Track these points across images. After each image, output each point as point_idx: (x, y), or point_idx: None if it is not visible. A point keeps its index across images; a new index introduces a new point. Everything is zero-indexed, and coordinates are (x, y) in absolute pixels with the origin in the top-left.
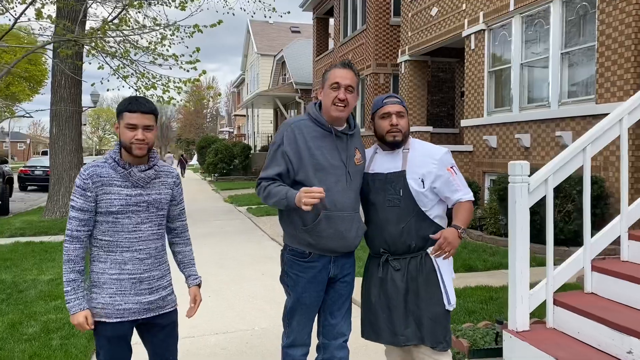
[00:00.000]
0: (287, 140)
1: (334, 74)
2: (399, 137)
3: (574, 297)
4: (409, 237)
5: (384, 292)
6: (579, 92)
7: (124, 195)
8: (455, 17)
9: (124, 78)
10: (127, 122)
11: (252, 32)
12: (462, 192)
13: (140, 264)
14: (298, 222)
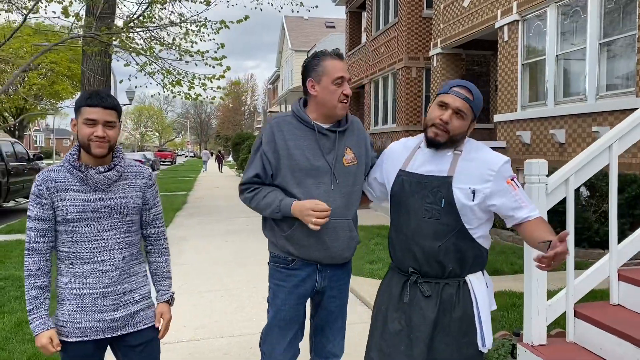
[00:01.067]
0: (265, 139)
1: (334, 67)
2: (441, 138)
3: (598, 309)
4: (445, 257)
5: (407, 320)
6: (618, 84)
7: (81, 200)
8: (488, 7)
9: (150, 74)
10: (85, 117)
11: (287, 28)
12: (528, 208)
13: (102, 276)
14: (276, 229)
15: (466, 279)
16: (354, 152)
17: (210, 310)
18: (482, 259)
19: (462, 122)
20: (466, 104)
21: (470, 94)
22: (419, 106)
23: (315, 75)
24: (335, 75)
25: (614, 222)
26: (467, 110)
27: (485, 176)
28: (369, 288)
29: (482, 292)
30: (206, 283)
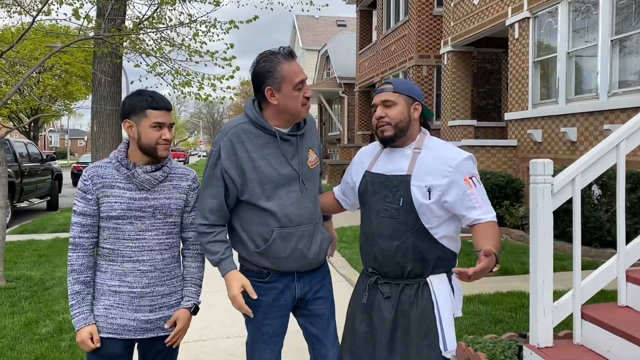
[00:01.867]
0: (225, 154)
1: (292, 71)
2: (387, 133)
3: (606, 310)
4: (404, 258)
5: (368, 320)
6: (631, 81)
7: (126, 198)
8: (498, 5)
9: (160, 75)
10: (154, 121)
11: (298, 27)
12: (481, 210)
13: (142, 276)
14: (250, 245)
15: (427, 279)
16: (315, 152)
17: (217, 310)
18: (447, 261)
19: (395, 108)
20: (389, 93)
21: (389, 85)
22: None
23: (273, 83)
24: (296, 80)
25: (622, 222)
26: (393, 97)
27: (443, 172)
28: None
29: (444, 294)
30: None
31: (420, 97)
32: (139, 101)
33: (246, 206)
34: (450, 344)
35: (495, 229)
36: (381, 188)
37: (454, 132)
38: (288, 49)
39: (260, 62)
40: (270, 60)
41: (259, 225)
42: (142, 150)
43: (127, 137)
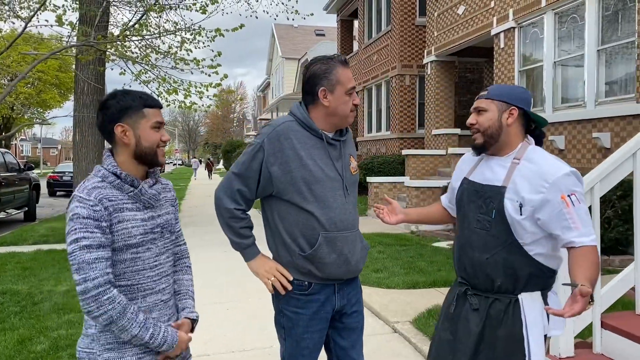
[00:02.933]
0: (270, 148)
1: (347, 77)
2: (478, 140)
3: (625, 319)
4: (494, 271)
5: (453, 329)
6: (618, 90)
7: (139, 220)
8: (483, 15)
9: (145, 83)
10: (154, 120)
11: (277, 36)
12: (577, 231)
13: (165, 307)
14: (294, 248)
15: (518, 297)
16: (355, 160)
17: (219, 323)
18: (543, 279)
19: (485, 115)
20: (482, 100)
21: (485, 92)
22: (412, 113)
23: (328, 84)
24: (349, 86)
25: (639, 231)
26: (485, 103)
27: (538, 187)
28: (377, 298)
29: (535, 314)
30: (211, 295)
31: (519, 102)
32: (130, 100)
33: (290, 207)
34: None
35: (592, 256)
36: (476, 197)
37: (438, 140)
38: (343, 56)
39: (316, 64)
40: (327, 63)
41: (304, 228)
42: (139, 158)
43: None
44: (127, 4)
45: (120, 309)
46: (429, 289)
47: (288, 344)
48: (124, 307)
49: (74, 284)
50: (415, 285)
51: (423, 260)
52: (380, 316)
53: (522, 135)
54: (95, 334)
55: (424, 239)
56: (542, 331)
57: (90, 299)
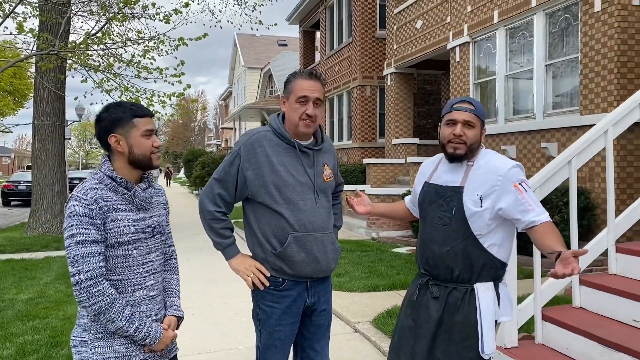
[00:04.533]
0: (245, 154)
1: (300, 86)
2: (460, 151)
3: (563, 311)
4: (453, 262)
5: (416, 316)
6: (564, 103)
7: (131, 220)
8: (440, 29)
9: (108, 92)
10: (144, 129)
11: (239, 45)
12: (534, 212)
13: (153, 302)
14: (267, 246)
15: (474, 286)
16: (330, 168)
17: (185, 328)
18: (495, 270)
19: (473, 131)
20: (471, 114)
21: (471, 105)
22: (373, 123)
23: (286, 93)
24: (300, 94)
25: (575, 230)
26: (474, 119)
27: (493, 181)
28: (339, 300)
29: (488, 302)
30: None
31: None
32: (121, 112)
33: (263, 209)
34: (488, 348)
35: (554, 228)
36: (437, 197)
37: (397, 150)
38: (313, 70)
39: (288, 76)
40: (293, 75)
41: (275, 228)
42: (134, 164)
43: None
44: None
45: (109, 301)
46: (389, 291)
47: (262, 335)
48: (113, 300)
49: (36, 292)
50: (375, 289)
51: (383, 265)
52: (341, 317)
53: None
54: (86, 323)
55: (384, 245)
56: (494, 317)
57: (83, 290)
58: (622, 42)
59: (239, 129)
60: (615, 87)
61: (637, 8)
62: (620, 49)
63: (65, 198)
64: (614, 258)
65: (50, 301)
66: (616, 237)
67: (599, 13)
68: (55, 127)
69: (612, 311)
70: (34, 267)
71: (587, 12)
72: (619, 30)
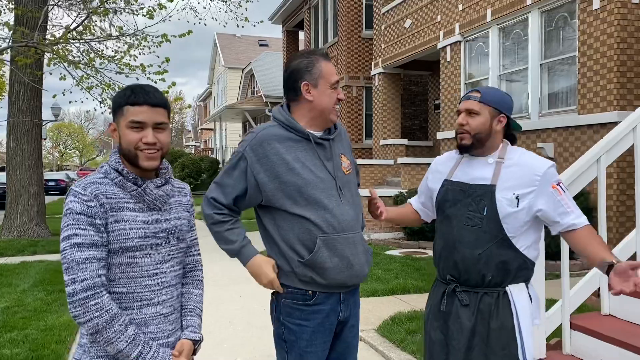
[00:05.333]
0: (254, 156)
1: (330, 70)
2: (465, 141)
3: (592, 319)
4: (485, 266)
5: (445, 328)
6: (560, 103)
7: (140, 222)
8: (429, 28)
9: (88, 89)
10: (130, 120)
11: (219, 45)
12: (574, 214)
13: (165, 322)
14: (292, 255)
15: (506, 289)
16: (348, 158)
17: None
18: (527, 271)
19: (477, 119)
20: (474, 102)
21: (477, 93)
22: (360, 124)
23: (310, 78)
24: (333, 79)
25: (604, 232)
26: (478, 106)
27: (530, 181)
28: None
29: (523, 303)
30: None
31: (508, 110)
32: (118, 97)
33: (283, 214)
34: (529, 354)
35: (596, 233)
36: (463, 196)
37: (386, 151)
38: (325, 50)
39: (297, 59)
40: (309, 57)
41: (300, 233)
42: (125, 159)
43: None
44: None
45: (108, 318)
46: (389, 296)
47: (290, 358)
48: (112, 317)
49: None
50: (374, 294)
51: (379, 269)
52: None
53: (502, 137)
54: (86, 344)
55: (377, 247)
56: (531, 320)
57: (77, 303)
58: (622, 40)
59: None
60: (615, 86)
61: (636, 6)
62: (620, 47)
63: (42, 200)
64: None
65: (28, 310)
66: None
67: (597, 11)
68: (31, 125)
69: None
70: (9, 273)
71: (586, 10)
72: (619, 29)
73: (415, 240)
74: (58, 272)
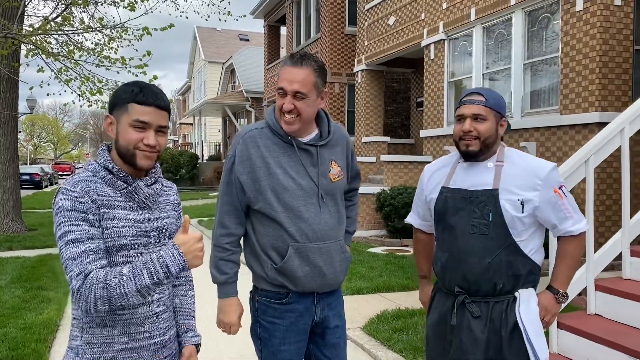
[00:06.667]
0: (239, 158)
1: (280, 74)
2: (473, 147)
3: (579, 319)
4: (496, 275)
5: (457, 344)
6: (543, 103)
7: (132, 220)
8: (413, 26)
9: (67, 82)
10: (135, 119)
11: (199, 38)
12: (573, 219)
13: (159, 320)
14: (266, 259)
15: (515, 294)
16: (340, 164)
17: None
18: (535, 276)
19: (485, 124)
20: (480, 107)
21: (481, 97)
22: (341, 121)
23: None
24: (279, 85)
25: (591, 235)
26: (485, 111)
27: (532, 185)
28: None
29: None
30: None
31: (505, 113)
32: (122, 92)
33: (261, 217)
34: (542, 355)
35: (579, 245)
36: (465, 204)
37: (368, 148)
38: (301, 52)
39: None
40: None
41: (274, 239)
42: (119, 156)
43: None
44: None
45: (102, 283)
46: (373, 294)
47: (264, 356)
48: (105, 277)
49: None
50: (359, 292)
51: (362, 266)
52: None
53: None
54: (80, 346)
55: (359, 245)
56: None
57: (76, 296)
58: (604, 42)
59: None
60: (596, 87)
61: (618, 8)
62: (602, 49)
63: (18, 195)
64: (628, 262)
65: (6, 308)
66: (630, 240)
67: (580, 12)
68: (7, 117)
69: (631, 318)
70: None
71: (569, 11)
72: (601, 30)
73: (398, 237)
74: (35, 269)
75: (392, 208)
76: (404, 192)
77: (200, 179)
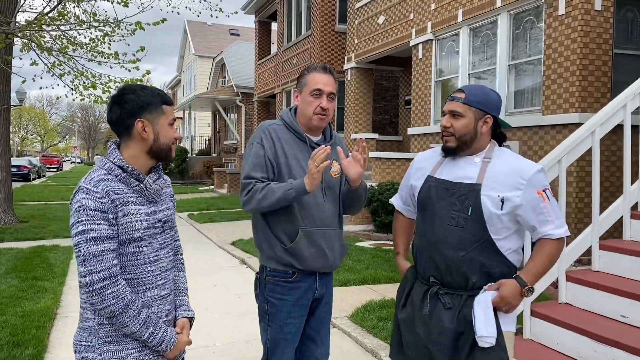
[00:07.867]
0: (266, 143)
1: (314, 79)
2: (450, 143)
3: (550, 307)
4: (469, 269)
5: (426, 332)
6: (526, 103)
7: (142, 215)
8: (402, 26)
9: (60, 76)
10: (172, 118)
11: (190, 33)
12: (553, 224)
13: (164, 303)
14: (275, 242)
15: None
16: (339, 164)
17: None
18: (509, 276)
19: (461, 121)
20: (458, 104)
21: (462, 94)
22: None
23: (299, 87)
24: (314, 87)
25: None
26: (462, 108)
27: (516, 184)
28: None
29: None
30: None
31: (493, 110)
32: (150, 96)
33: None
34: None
35: (556, 248)
36: (447, 195)
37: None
38: (327, 65)
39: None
40: (307, 70)
41: (285, 222)
42: (154, 153)
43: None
44: None
45: (123, 304)
46: (360, 286)
47: (272, 330)
48: (127, 304)
49: None
50: (346, 283)
51: (350, 259)
52: None
53: (490, 137)
54: (93, 326)
55: (348, 239)
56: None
57: (95, 292)
58: (585, 46)
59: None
60: (576, 89)
61: (599, 13)
62: (583, 52)
63: (10, 187)
64: (597, 255)
65: (4, 297)
66: (600, 235)
67: (562, 16)
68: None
69: (598, 307)
70: None
71: (552, 15)
72: (582, 34)
73: (385, 232)
74: (29, 260)
75: (380, 204)
76: (392, 188)
77: (190, 173)
